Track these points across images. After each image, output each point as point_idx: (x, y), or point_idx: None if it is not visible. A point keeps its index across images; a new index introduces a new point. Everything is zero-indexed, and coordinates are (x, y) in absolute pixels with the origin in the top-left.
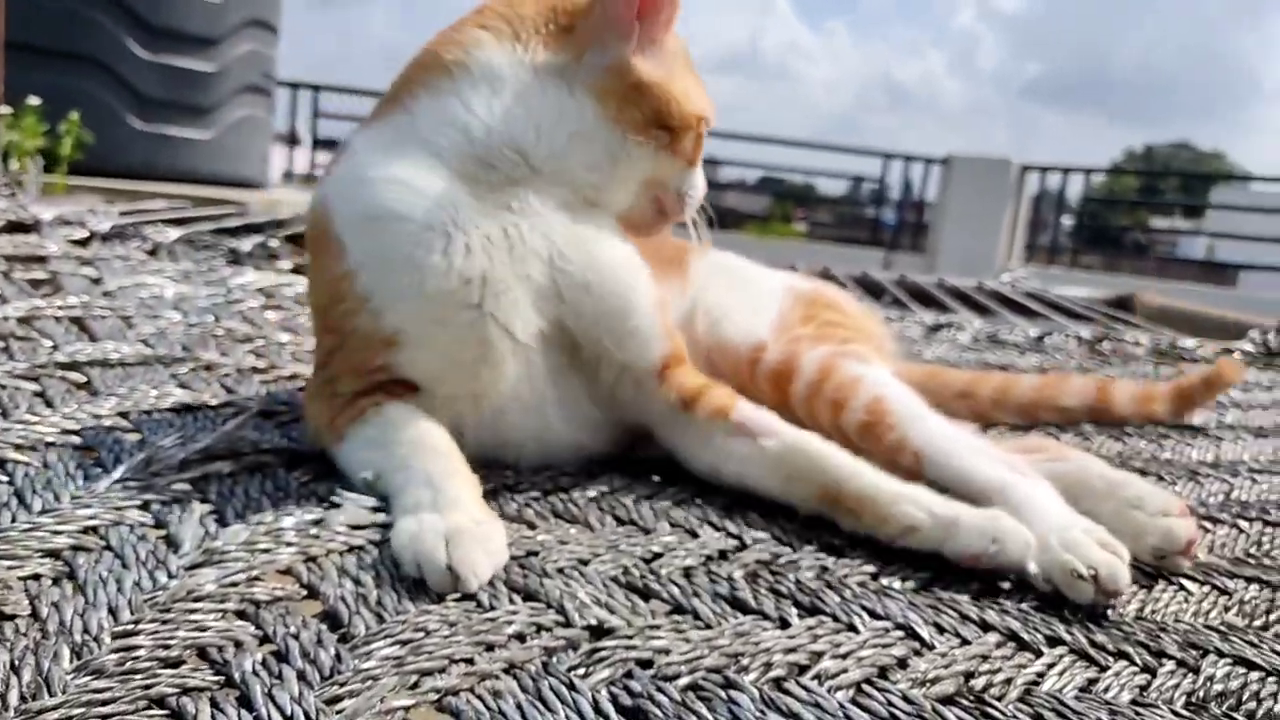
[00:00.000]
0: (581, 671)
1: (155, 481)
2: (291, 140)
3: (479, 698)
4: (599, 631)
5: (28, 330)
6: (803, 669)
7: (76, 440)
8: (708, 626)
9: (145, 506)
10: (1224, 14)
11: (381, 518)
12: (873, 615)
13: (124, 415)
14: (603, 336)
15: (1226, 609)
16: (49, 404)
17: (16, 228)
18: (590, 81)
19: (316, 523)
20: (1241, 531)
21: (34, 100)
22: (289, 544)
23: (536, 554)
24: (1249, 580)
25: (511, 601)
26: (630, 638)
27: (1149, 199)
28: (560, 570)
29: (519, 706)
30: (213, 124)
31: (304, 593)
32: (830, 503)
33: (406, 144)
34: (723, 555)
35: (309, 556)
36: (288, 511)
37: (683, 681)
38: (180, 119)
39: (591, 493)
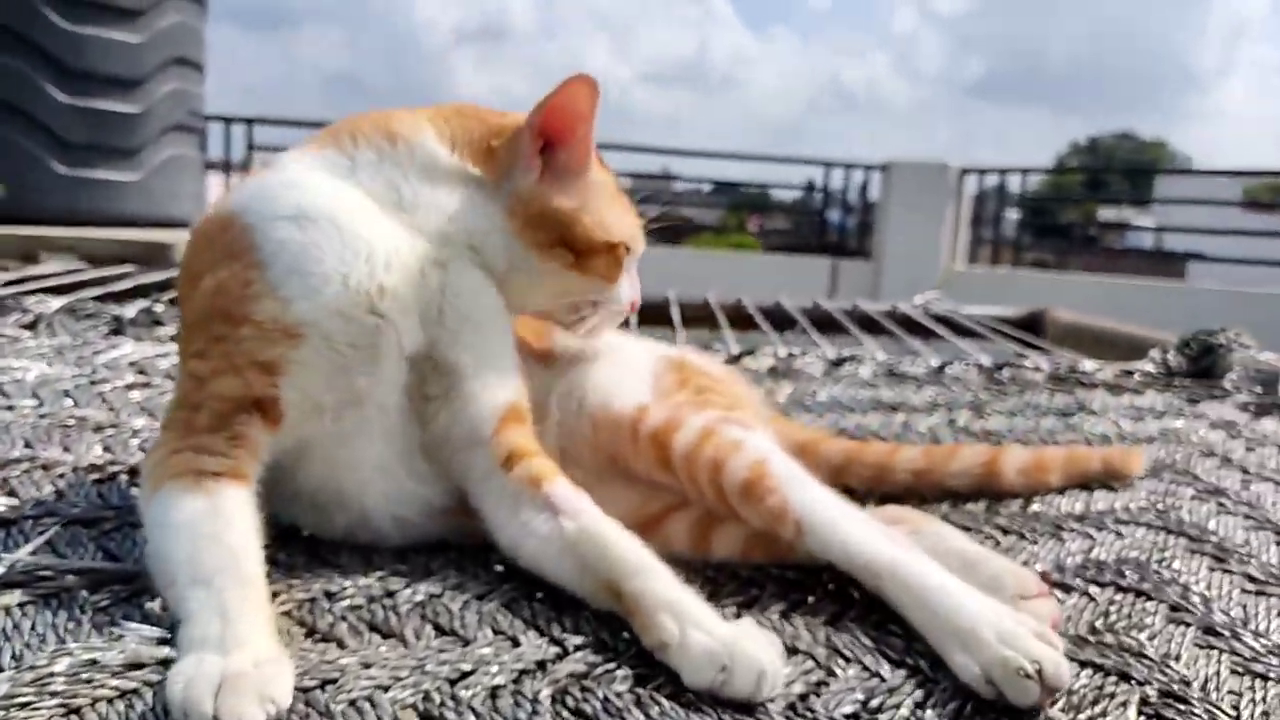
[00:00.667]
0: None
1: None
2: (227, 173)
3: None
4: None
5: None
6: None
7: None
8: None
9: None
10: (1160, 2)
11: (164, 652)
12: None
13: None
14: (466, 365)
15: (1053, 702)
16: None
17: None
18: (503, 201)
19: (91, 664)
20: (1092, 600)
21: None
22: (54, 693)
23: (334, 682)
24: (1084, 665)
25: None
26: None
27: (1094, 193)
28: (352, 703)
29: None
30: (139, 165)
31: None
32: (614, 599)
33: (341, 175)
34: (540, 666)
35: (71, 709)
36: (65, 651)
37: None
38: (104, 162)
39: (420, 595)
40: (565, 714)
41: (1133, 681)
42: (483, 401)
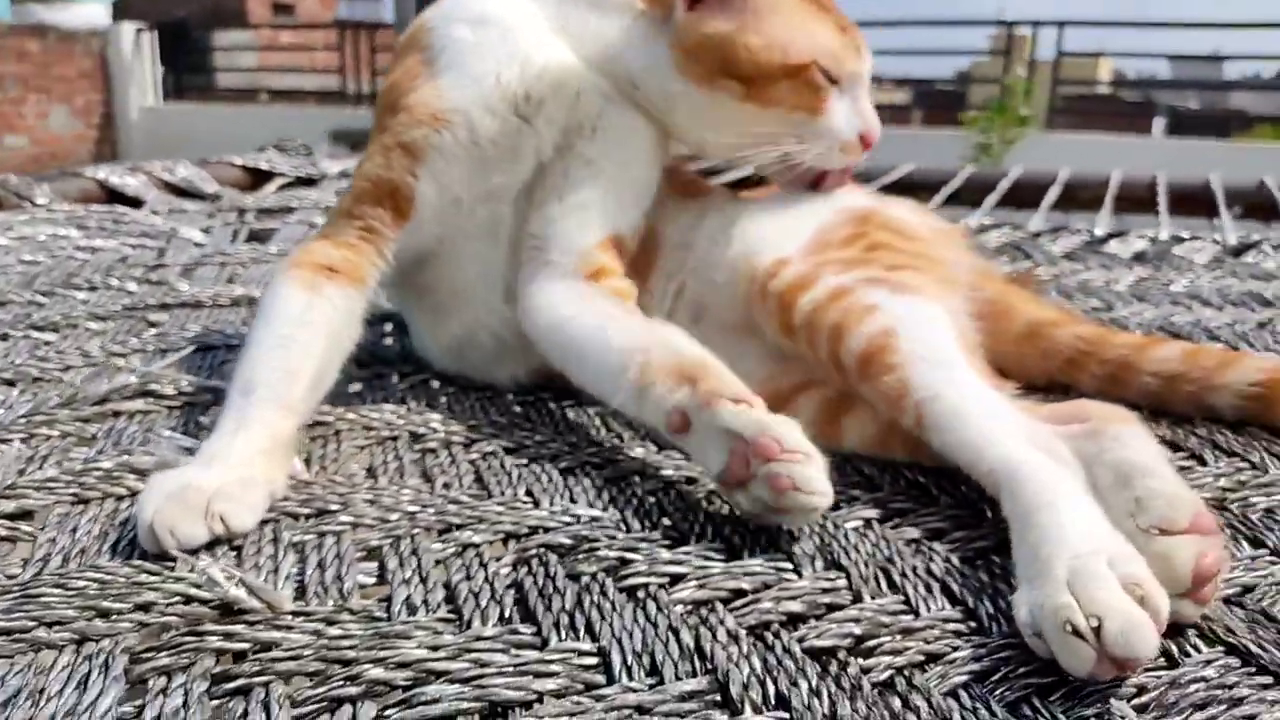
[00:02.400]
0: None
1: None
2: None
3: None
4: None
5: None
6: None
7: None
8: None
9: None
10: None
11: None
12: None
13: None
14: (588, 188)
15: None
16: None
17: None
18: (668, 37)
19: (123, 466)
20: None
21: None
22: (81, 483)
23: (319, 515)
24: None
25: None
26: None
27: None
28: (320, 536)
29: None
30: None
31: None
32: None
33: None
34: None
35: (81, 499)
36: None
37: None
38: None
39: (483, 449)
40: (525, 579)
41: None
42: (591, 222)
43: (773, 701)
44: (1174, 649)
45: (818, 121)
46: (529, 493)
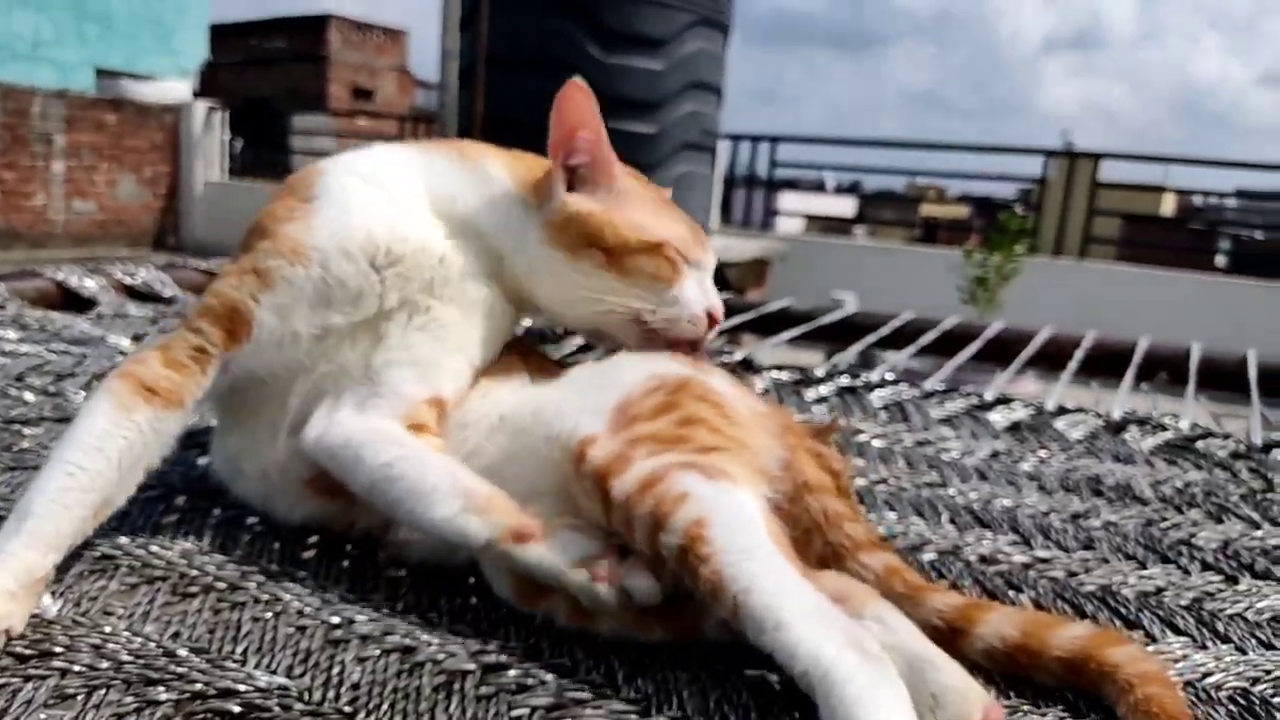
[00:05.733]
0: None
1: None
2: (749, 188)
3: None
4: None
5: None
6: None
7: None
8: None
9: None
10: None
11: None
12: None
13: None
14: (430, 342)
15: None
16: None
17: None
18: (541, 217)
19: None
20: None
21: None
22: None
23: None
24: None
25: None
26: None
27: None
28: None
29: None
30: (654, 181)
31: None
32: None
33: (414, 167)
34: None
35: None
36: None
37: None
38: None
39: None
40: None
41: None
42: (424, 377)
43: None
44: None
45: (670, 291)
46: (245, 651)
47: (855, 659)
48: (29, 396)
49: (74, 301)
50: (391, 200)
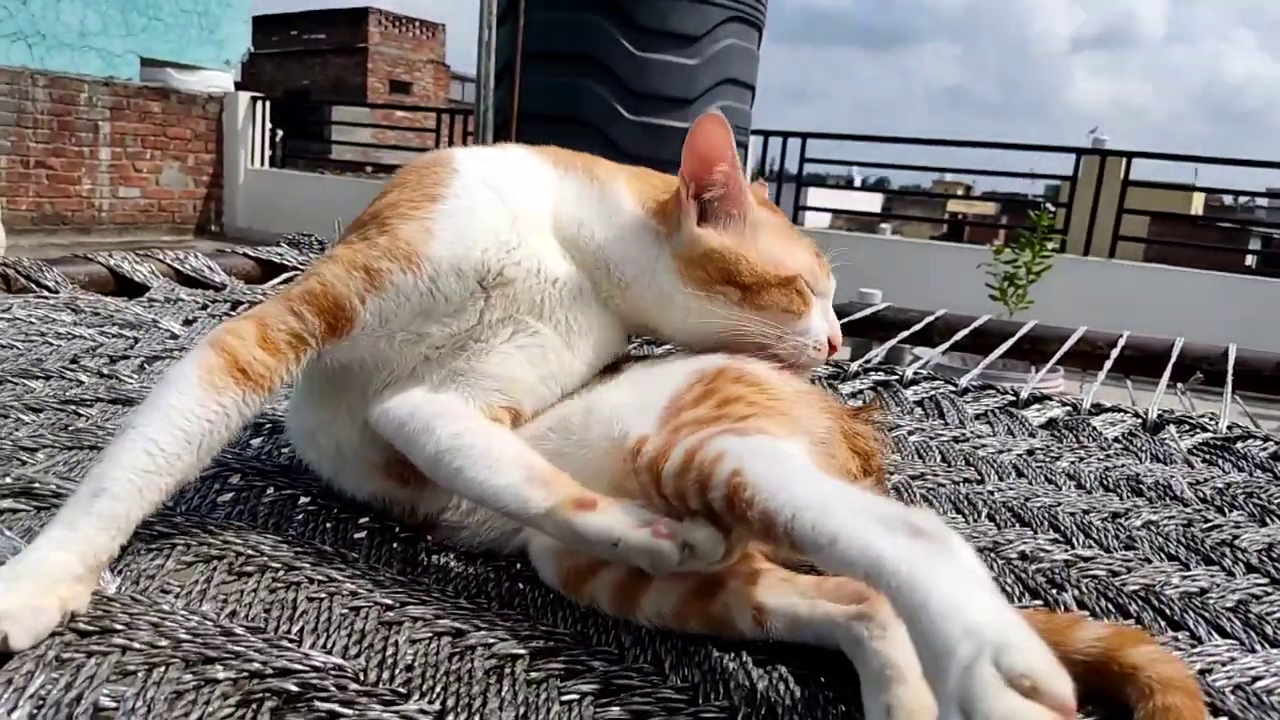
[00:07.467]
0: None
1: None
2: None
3: None
4: None
5: None
6: None
7: None
8: None
9: None
10: None
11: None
12: None
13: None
14: (529, 362)
15: None
16: None
17: None
18: (672, 249)
19: None
20: None
21: None
22: None
23: (101, 634)
24: None
25: None
26: None
27: None
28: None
29: None
30: None
31: None
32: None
33: (548, 181)
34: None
35: None
36: None
37: None
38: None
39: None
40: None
41: None
42: (509, 390)
43: None
44: None
45: (800, 321)
46: (300, 631)
47: (904, 542)
48: (84, 378)
49: (126, 286)
50: (515, 219)
